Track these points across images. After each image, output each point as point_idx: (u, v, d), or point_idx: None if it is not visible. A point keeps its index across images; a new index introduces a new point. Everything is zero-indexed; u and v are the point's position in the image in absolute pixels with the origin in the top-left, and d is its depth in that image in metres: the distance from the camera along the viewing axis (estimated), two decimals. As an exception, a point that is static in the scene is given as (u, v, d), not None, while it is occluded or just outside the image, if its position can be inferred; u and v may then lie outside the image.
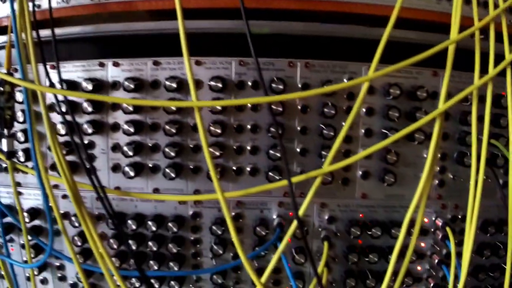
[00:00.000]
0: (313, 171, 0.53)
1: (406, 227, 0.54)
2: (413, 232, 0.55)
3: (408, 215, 0.54)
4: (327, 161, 0.53)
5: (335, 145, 0.53)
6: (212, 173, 0.49)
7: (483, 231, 0.69)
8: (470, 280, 0.71)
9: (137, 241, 0.64)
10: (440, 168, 0.67)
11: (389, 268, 0.54)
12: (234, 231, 0.50)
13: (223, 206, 0.50)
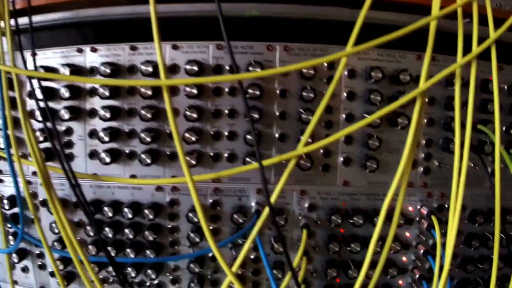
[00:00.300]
0: (286, 153, 0.51)
1: (384, 214, 0.51)
2: (392, 220, 0.52)
3: (386, 202, 0.51)
4: (301, 142, 0.51)
5: (310, 126, 0.51)
6: (180, 155, 0.48)
7: (471, 221, 0.67)
8: (458, 272, 0.68)
9: (113, 229, 0.63)
10: (425, 155, 0.64)
11: (367, 257, 0.52)
12: (203, 217, 0.49)
13: (191, 190, 0.48)
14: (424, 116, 0.64)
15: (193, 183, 0.49)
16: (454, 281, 0.69)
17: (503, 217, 0.67)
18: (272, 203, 0.49)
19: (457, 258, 0.68)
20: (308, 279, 0.66)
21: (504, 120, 0.66)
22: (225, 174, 0.52)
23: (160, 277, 0.66)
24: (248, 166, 0.51)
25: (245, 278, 0.66)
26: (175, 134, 0.48)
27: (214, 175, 0.52)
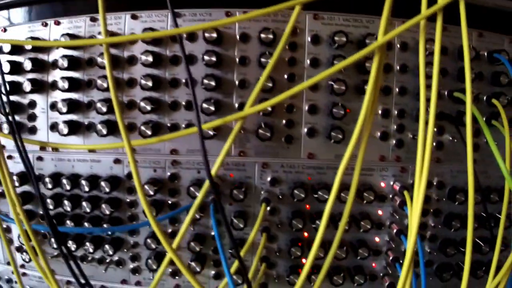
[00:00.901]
0: (230, 115, 0.48)
1: (336, 190, 0.47)
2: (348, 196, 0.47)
3: (338, 175, 0.47)
4: (248, 103, 0.48)
5: (257, 87, 0.48)
6: (119, 119, 0.46)
7: (450, 199, 0.61)
8: (436, 255, 0.63)
9: (72, 202, 0.61)
10: (397, 127, 0.60)
11: (319, 232, 0.47)
12: (140, 189, 0.46)
13: (128, 154, 0.46)
14: (396, 84, 0.60)
15: (130, 148, 0.47)
16: (433, 265, 0.64)
17: (486, 196, 0.61)
18: (212, 174, 0.46)
19: (436, 240, 0.63)
20: (271, 259, 0.62)
21: (485, 90, 0.61)
22: (166, 138, 0.50)
23: (119, 253, 0.64)
24: (186, 131, 0.49)
25: (205, 256, 0.62)
26: (114, 98, 0.46)
27: (155, 140, 0.50)
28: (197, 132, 0.45)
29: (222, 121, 0.48)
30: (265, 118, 0.58)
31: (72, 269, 0.50)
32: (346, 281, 0.61)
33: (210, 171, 0.45)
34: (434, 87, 0.49)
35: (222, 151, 0.48)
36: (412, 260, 0.46)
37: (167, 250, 0.47)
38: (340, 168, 0.46)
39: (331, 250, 0.47)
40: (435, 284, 0.64)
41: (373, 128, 0.60)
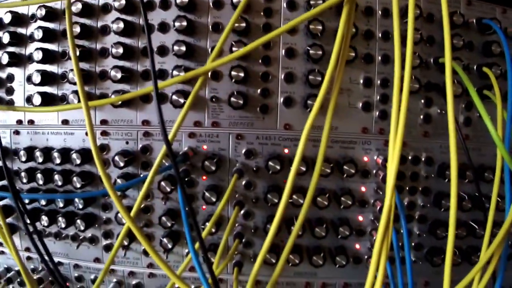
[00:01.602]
0: (190, 71, 0.46)
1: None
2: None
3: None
4: (210, 57, 0.46)
5: (222, 38, 0.46)
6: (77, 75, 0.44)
7: (440, 176, 0.57)
8: (427, 238, 0.58)
9: (45, 176, 0.60)
10: (380, 97, 0.56)
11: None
12: (99, 160, 0.44)
13: (85, 116, 0.44)
14: (379, 52, 0.56)
15: (88, 108, 0.45)
16: (423, 249, 0.59)
17: (479, 175, 0.56)
18: (169, 140, 0.44)
19: (426, 221, 0.58)
20: (247, 237, 0.59)
21: (476, 60, 0.57)
22: (117, 99, 0.48)
23: (92, 230, 0.62)
24: (143, 90, 0.47)
25: (179, 234, 0.59)
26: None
27: (113, 99, 0.48)
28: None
29: (183, 77, 0.46)
30: (239, 87, 0.56)
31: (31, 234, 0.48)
32: (327, 262, 0.57)
33: (167, 135, 0.43)
34: (409, 50, 0.44)
35: (181, 114, 0.46)
36: (391, 219, 0.41)
37: (125, 219, 0.45)
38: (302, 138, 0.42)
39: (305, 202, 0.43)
40: (425, 269, 0.59)
41: (355, 98, 0.56)
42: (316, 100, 0.43)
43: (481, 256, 0.44)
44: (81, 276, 0.65)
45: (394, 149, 0.41)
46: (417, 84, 0.55)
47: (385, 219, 0.38)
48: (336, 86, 0.44)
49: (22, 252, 0.68)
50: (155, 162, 0.47)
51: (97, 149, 0.45)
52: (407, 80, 0.43)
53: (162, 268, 0.43)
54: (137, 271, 0.63)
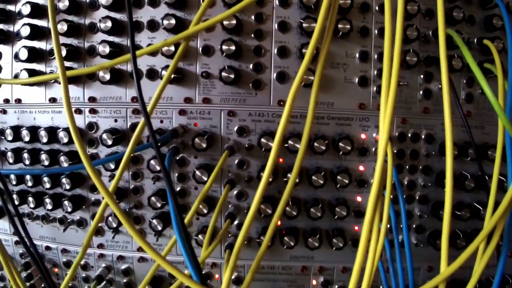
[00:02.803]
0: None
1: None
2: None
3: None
4: (193, 21, 0.45)
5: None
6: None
7: (442, 154, 0.55)
8: (429, 220, 0.57)
9: (31, 155, 0.59)
10: (377, 71, 0.55)
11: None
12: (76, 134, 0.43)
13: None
14: (375, 25, 0.55)
15: (65, 76, 0.44)
16: (425, 232, 0.57)
17: (483, 154, 0.55)
18: (148, 112, 0.43)
19: (428, 202, 0.57)
20: (241, 219, 0.58)
21: (477, 34, 0.56)
22: (95, 69, 0.47)
23: (80, 213, 0.61)
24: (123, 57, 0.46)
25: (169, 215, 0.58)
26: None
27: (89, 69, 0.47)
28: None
29: (163, 43, 0.46)
30: (231, 61, 0.55)
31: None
32: (323, 245, 0.55)
33: (146, 108, 0.42)
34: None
35: (163, 79, 0.45)
36: (381, 185, 0.40)
37: (103, 195, 0.44)
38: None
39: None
40: (429, 252, 0.57)
41: (351, 73, 0.55)
42: (298, 74, 0.42)
43: (485, 224, 0.43)
44: (70, 261, 0.65)
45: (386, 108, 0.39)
46: (416, 57, 0.54)
47: (377, 182, 0.37)
48: (320, 59, 0.43)
49: (10, 236, 0.67)
50: (135, 134, 0.46)
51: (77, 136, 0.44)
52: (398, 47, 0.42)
53: (147, 250, 0.41)
54: (127, 255, 0.62)
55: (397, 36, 0.41)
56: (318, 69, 0.43)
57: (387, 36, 0.41)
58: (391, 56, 0.40)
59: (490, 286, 0.58)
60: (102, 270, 0.63)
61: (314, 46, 0.41)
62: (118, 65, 0.57)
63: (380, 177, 0.38)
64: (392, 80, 0.41)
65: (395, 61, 0.39)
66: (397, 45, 0.41)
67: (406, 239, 0.50)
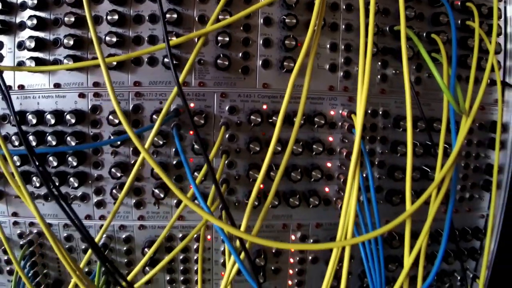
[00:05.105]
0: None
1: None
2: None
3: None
4: (210, 20, 0.58)
5: (217, 10, 0.58)
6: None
7: (396, 127, 0.71)
8: (386, 181, 0.73)
9: (37, 137, 0.67)
10: (344, 59, 0.70)
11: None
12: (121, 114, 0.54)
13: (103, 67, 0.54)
14: (343, 22, 0.70)
15: (104, 63, 0.55)
16: (383, 191, 0.73)
17: (430, 126, 0.71)
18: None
19: (384, 166, 0.72)
20: (232, 186, 0.70)
21: (426, 29, 0.73)
22: (143, 52, 0.59)
23: (83, 188, 0.70)
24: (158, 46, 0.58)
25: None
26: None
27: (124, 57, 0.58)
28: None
29: (186, 38, 0.57)
30: (223, 50, 0.67)
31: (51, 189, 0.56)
32: (302, 204, 0.69)
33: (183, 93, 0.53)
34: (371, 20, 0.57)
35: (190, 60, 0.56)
36: (359, 156, 0.55)
37: (140, 150, 0.54)
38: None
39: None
40: (386, 209, 0.73)
41: (323, 61, 0.70)
42: (296, 63, 0.57)
43: (436, 175, 0.58)
44: (71, 235, 0.73)
45: (362, 93, 0.54)
46: (375, 48, 0.69)
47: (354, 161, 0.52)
48: (313, 50, 0.57)
49: (8, 218, 0.74)
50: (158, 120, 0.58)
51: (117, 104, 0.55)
52: (370, 44, 0.57)
53: (176, 192, 0.53)
54: (128, 224, 0.72)
55: (369, 30, 0.56)
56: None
57: (362, 31, 0.55)
58: (366, 46, 0.54)
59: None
60: (104, 239, 0.72)
61: (310, 41, 0.55)
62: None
63: (359, 145, 0.54)
64: (366, 65, 0.56)
65: (368, 50, 0.54)
66: (370, 37, 0.56)
67: (373, 191, 0.64)
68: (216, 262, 0.75)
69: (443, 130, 0.65)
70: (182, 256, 0.74)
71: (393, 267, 0.74)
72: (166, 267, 0.74)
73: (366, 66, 0.56)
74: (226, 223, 0.54)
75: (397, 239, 0.73)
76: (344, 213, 0.58)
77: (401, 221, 0.57)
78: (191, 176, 0.57)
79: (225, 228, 0.54)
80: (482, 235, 0.78)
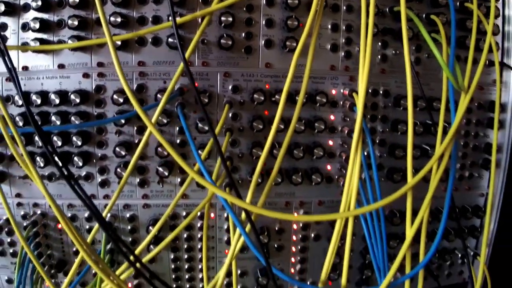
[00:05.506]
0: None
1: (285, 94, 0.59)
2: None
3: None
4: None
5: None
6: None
7: (397, 106, 0.73)
8: (387, 159, 0.74)
9: (42, 118, 0.69)
10: (345, 40, 0.72)
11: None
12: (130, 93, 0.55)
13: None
14: (344, 3, 0.72)
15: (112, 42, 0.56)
16: (384, 169, 0.75)
17: (430, 104, 0.73)
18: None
19: (385, 145, 0.74)
20: (236, 164, 0.72)
21: (423, 9, 0.74)
22: (151, 30, 0.60)
23: (87, 168, 0.71)
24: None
25: (172, 164, 0.71)
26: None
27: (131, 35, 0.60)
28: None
29: (192, 16, 0.59)
30: (226, 30, 0.69)
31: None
32: (304, 182, 0.71)
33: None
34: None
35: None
36: (361, 130, 0.57)
37: (147, 124, 0.56)
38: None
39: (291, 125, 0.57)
40: (387, 186, 0.74)
41: (324, 41, 0.72)
42: (299, 43, 0.58)
43: (436, 150, 0.60)
44: (75, 215, 0.75)
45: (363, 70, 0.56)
46: (376, 29, 0.71)
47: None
48: (315, 30, 0.59)
49: (12, 199, 0.75)
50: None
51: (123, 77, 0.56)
52: (371, 25, 0.59)
53: (181, 164, 0.54)
54: (132, 203, 0.73)
55: (370, 12, 0.58)
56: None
57: (363, 12, 0.57)
58: (367, 27, 0.56)
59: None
60: (109, 219, 0.73)
61: (312, 21, 0.57)
62: (124, 33, 0.69)
63: (361, 117, 0.55)
64: (367, 46, 0.57)
65: (369, 31, 0.56)
66: (370, 18, 0.58)
67: (374, 165, 0.66)
68: (220, 240, 0.76)
69: (443, 107, 0.67)
70: (186, 234, 0.75)
71: (395, 244, 0.76)
72: (170, 246, 0.76)
73: (367, 46, 0.58)
74: (231, 195, 0.55)
75: (398, 216, 0.75)
76: (347, 185, 0.60)
77: (403, 193, 0.58)
78: (196, 151, 0.59)
79: (231, 199, 0.55)
80: (482, 213, 0.80)
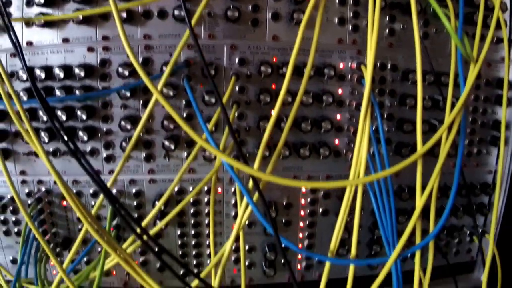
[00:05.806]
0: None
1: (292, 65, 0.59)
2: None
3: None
4: None
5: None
6: None
7: (405, 80, 0.73)
8: (395, 134, 0.74)
9: (46, 93, 0.68)
10: (352, 13, 0.72)
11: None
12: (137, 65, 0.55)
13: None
14: (350, -25, 0.72)
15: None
16: (392, 144, 0.74)
17: (438, 80, 0.73)
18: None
19: (393, 119, 0.74)
20: (243, 138, 0.71)
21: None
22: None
23: (92, 143, 0.71)
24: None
25: (178, 137, 0.70)
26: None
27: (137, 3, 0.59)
28: None
29: None
30: (233, 2, 0.69)
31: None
32: (312, 155, 0.71)
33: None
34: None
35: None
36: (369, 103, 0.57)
37: (152, 92, 0.56)
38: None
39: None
40: (395, 161, 0.73)
41: (331, 14, 0.71)
42: (305, 14, 0.58)
43: (446, 119, 0.60)
44: (80, 191, 0.74)
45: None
46: (384, 2, 0.71)
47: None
48: (322, 2, 0.59)
49: (16, 177, 0.75)
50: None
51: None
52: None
53: (188, 131, 0.54)
54: (138, 178, 0.73)
55: None
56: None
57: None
58: (374, 0, 0.56)
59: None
60: (115, 194, 0.73)
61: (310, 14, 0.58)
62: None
63: (369, 94, 0.56)
64: (375, 19, 0.57)
65: (377, 4, 0.56)
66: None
67: (383, 141, 0.65)
68: (227, 215, 0.76)
69: (451, 79, 0.66)
70: (193, 210, 0.75)
71: (403, 219, 0.75)
72: (177, 221, 0.75)
73: (375, 20, 0.58)
74: (238, 162, 0.55)
75: (406, 192, 0.74)
76: (355, 157, 0.60)
77: (413, 160, 0.58)
78: (203, 121, 0.58)
79: (237, 165, 0.55)
80: (491, 190, 0.79)
